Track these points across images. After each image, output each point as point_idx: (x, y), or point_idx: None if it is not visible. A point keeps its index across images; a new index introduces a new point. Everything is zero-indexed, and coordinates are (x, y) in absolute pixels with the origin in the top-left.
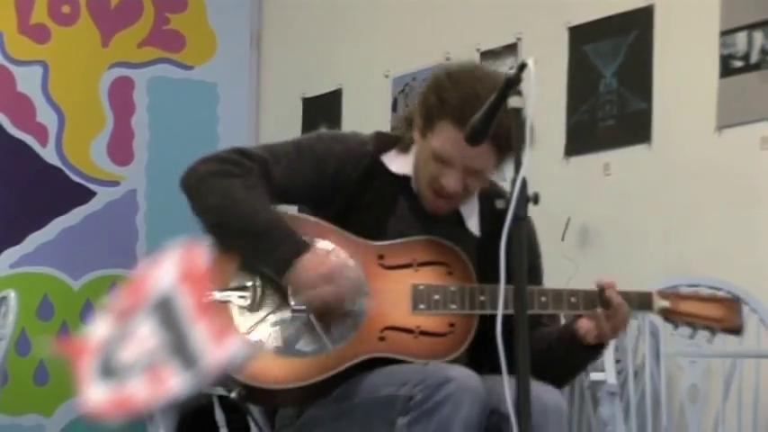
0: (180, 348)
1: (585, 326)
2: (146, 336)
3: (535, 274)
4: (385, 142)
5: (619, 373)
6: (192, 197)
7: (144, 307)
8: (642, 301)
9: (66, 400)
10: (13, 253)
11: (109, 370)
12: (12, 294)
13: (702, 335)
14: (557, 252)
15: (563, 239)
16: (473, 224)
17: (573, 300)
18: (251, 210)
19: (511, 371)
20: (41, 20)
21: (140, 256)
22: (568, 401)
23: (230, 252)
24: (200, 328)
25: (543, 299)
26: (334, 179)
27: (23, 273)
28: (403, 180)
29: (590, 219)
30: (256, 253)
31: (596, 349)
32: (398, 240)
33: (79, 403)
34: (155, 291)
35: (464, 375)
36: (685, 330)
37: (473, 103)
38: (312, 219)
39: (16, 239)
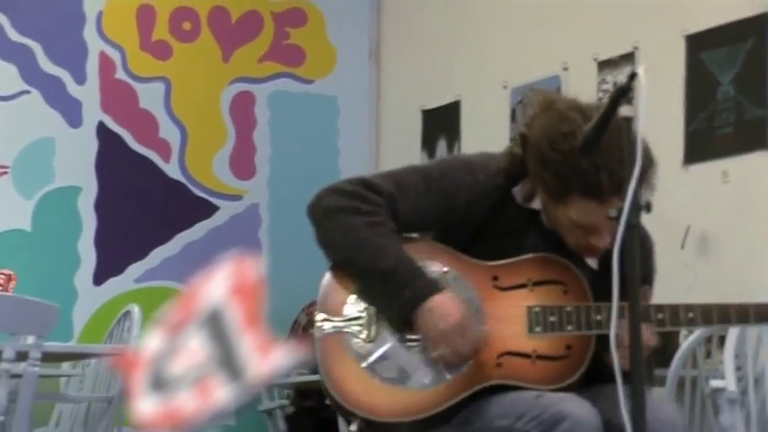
0: (227, 361)
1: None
2: (195, 349)
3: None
4: (514, 174)
5: (739, 380)
6: (317, 229)
7: (195, 320)
8: (762, 313)
9: None
10: (138, 268)
11: (159, 383)
12: (135, 309)
13: None
14: (676, 260)
15: (682, 247)
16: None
17: (690, 315)
18: (376, 250)
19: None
20: (163, 36)
21: (263, 270)
22: (689, 409)
23: (353, 290)
24: (247, 341)
25: (660, 315)
26: (465, 212)
27: (148, 287)
28: (533, 213)
29: (709, 226)
30: (381, 294)
31: None
32: (512, 259)
33: (131, 415)
34: (205, 304)
35: (580, 412)
36: None
37: (596, 171)
38: (426, 239)
39: (141, 254)
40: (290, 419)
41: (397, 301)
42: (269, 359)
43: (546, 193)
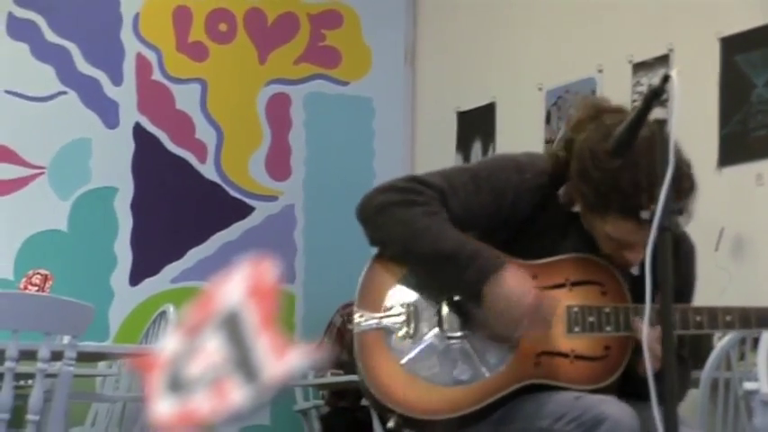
0: (243, 362)
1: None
2: (213, 350)
3: (685, 299)
4: (559, 175)
5: None
6: (371, 227)
7: (213, 322)
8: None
9: None
10: (174, 268)
11: (177, 384)
12: (171, 309)
13: None
14: (710, 262)
15: (716, 250)
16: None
17: (728, 318)
18: (435, 236)
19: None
20: (199, 38)
21: (299, 271)
22: (722, 411)
23: (419, 279)
24: (263, 342)
25: (698, 318)
26: (511, 210)
27: (184, 287)
28: (574, 215)
29: (743, 228)
30: (447, 275)
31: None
32: (552, 258)
33: (149, 416)
34: (223, 306)
35: (619, 414)
36: None
37: (636, 192)
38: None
39: (177, 255)
40: (325, 420)
41: (465, 277)
42: (284, 361)
43: (584, 205)
